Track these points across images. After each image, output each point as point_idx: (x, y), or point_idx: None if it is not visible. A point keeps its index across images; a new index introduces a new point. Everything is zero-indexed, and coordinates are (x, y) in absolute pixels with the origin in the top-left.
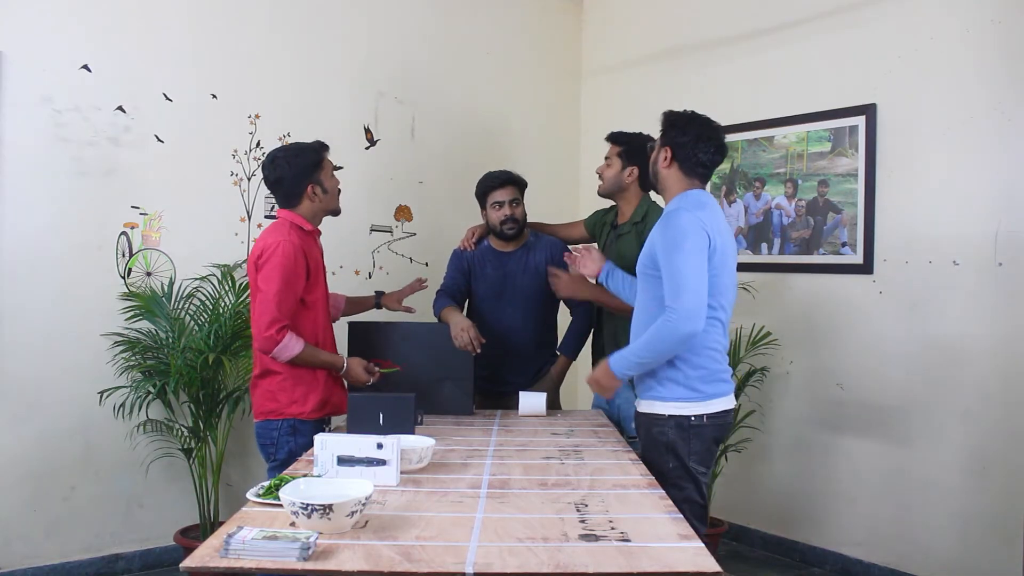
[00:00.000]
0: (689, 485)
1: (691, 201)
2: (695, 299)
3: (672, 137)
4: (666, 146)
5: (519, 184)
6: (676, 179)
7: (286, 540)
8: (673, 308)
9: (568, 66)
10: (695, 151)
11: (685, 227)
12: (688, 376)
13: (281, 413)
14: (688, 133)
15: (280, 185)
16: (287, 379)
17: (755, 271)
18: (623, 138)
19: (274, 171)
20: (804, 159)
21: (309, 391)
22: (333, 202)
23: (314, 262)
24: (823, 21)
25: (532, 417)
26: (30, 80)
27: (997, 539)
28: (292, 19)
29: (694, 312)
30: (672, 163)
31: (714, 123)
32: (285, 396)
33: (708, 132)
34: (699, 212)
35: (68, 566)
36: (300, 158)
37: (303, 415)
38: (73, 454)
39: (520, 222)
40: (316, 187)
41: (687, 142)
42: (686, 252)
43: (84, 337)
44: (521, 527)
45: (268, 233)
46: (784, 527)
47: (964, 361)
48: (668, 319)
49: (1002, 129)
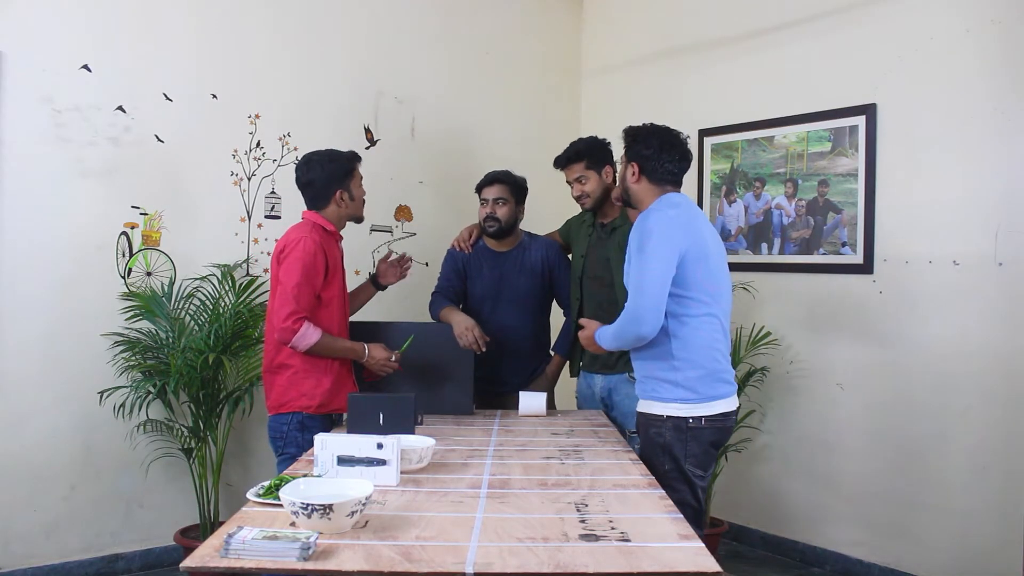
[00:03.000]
0: (684, 488)
1: (667, 202)
2: (652, 302)
3: (636, 152)
4: (632, 161)
5: (510, 184)
6: (647, 191)
7: (286, 540)
8: (631, 310)
9: (568, 66)
10: (660, 161)
11: (651, 228)
12: (688, 377)
13: (290, 406)
14: (651, 145)
15: (310, 187)
16: (297, 372)
17: (755, 271)
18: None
19: (307, 172)
20: (804, 159)
21: (317, 386)
22: (358, 210)
23: (333, 261)
24: (823, 21)
25: (532, 417)
26: (30, 80)
27: (997, 539)
28: (292, 19)
29: (649, 315)
30: (640, 177)
31: (674, 131)
32: (295, 390)
33: (670, 140)
34: (670, 211)
35: (68, 566)
36: (334, 164)
37: (310, 409)
38: (73, 454)
39: (502, 222)
40: (344, 193)
41: (651, 154)
42: (647, 254)
43: (84, 337)
44: (521, 527)
45: (292, 230)
46: (784, 527)
47: (964, 361)
48: (625, 318)
49: (1002, 129)
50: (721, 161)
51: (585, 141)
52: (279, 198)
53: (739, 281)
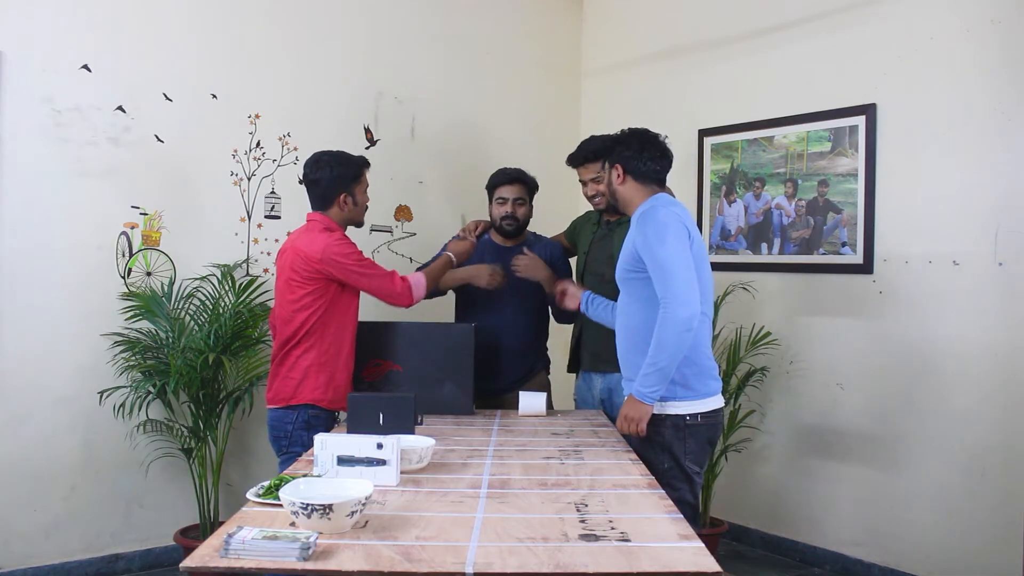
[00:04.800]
0: (684, 485)
1: (663, 200)
2: (685, 285)
3: (619, 154)
4: (616, 164)
5: (528, 184)
6: (635, 191)
7: (286, 540)
8: (666, 298)
9: (568, 66)
10: (642, 160)
11: (664, 220)
12: (683, 374)
13: (300, 399)
14: (631, 146)
15: (316, 186)
16: (312, 364)
17: (755, 271)
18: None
19: (315, 171)
20: (804, 159)
21: (332, 381)
22: (359, 215)
23: None
24: (823, 21)
25: (532, 417)
26: (30, 80)
27: (997, 539)
28: (292, 19)
29: (686, 296)
30: (625, 177)
31: (652, 132)
32: (310, 381)
33: (649, 139)
34: (674, 208)
35: (68, 566)
36: (342, 167)
37: (322, 402)
38: (73, 454)
39: (520, 221)
40: (348, 197)
41: (632, 155)
42: (669, 243)
43: (84, 337)
44: (521, 527)
45: (308, 232)
46: (784, 527)
47: (964, 361)
48: (665, 310)
49: (1002, 129)
50: (721, 161)
51: (600, 140)
52: (279, 198)
53: (739, 281)
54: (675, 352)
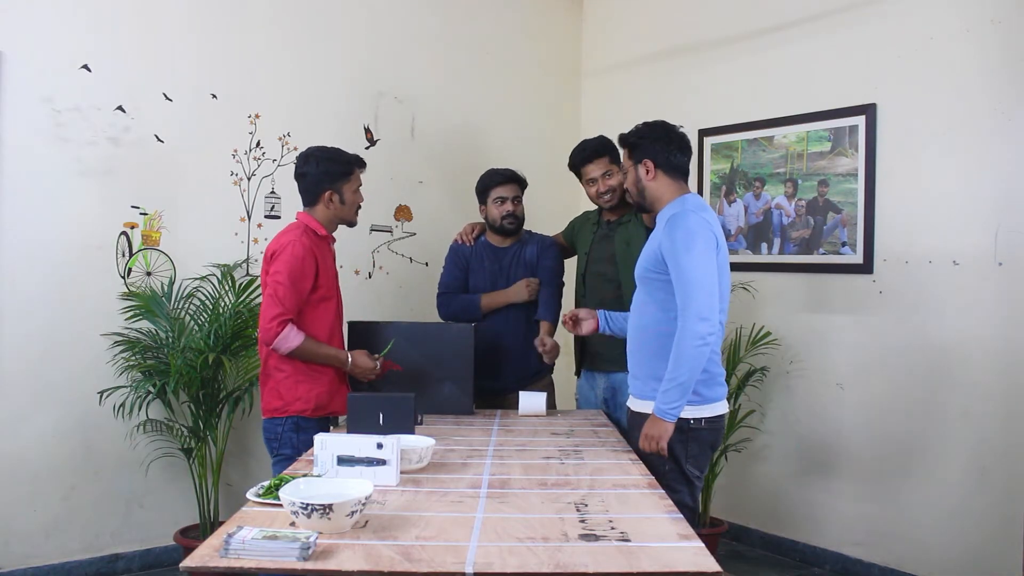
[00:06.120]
0: (683, 488)
1: (694, 203)
2: (706, 299)
3: (646, 149)
4: (644, 160)
5: (521, 183)
6: (666, 186)
7: (286, 540)
8: (686, 310)
9: (568, 66)
10: (669, 153)
11: (694, 229)
12: None
13: (285, 411)
14: (658, 140)
15: (302, 180)
16: (290, 376)
17: (755, 271)
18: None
19: (303, 166)
20: (804, 159)
21: (312, 390)
22: (349, 214)
23: (324, 264)
24: (823, 21)
25: (532, 417)
26: (30, 80)
27: (997, 539)
28: (292, 19)
29: (706, 310)
30: (656, 172)
31: (670, 123)
32: (290, 394)
33: (671, 131)
34: (704, 214)
35: (68, 566)
36: (330, 163)
37: (306, 413)
38: (73, 454)
39: (520, 219)
40: (334, 195)
41: (660, 148)
42: (696, 254)
43: (84, 337)
44: (521, 527)
45: (283, 233)
46: (784, 527)
47: (964, 361)
48: (684, 323)
49: (1002, 129)
50: (721, 161)
51: (605, 138)
52: (279, 198)
53: (739, 281)
54: (694, 366)
